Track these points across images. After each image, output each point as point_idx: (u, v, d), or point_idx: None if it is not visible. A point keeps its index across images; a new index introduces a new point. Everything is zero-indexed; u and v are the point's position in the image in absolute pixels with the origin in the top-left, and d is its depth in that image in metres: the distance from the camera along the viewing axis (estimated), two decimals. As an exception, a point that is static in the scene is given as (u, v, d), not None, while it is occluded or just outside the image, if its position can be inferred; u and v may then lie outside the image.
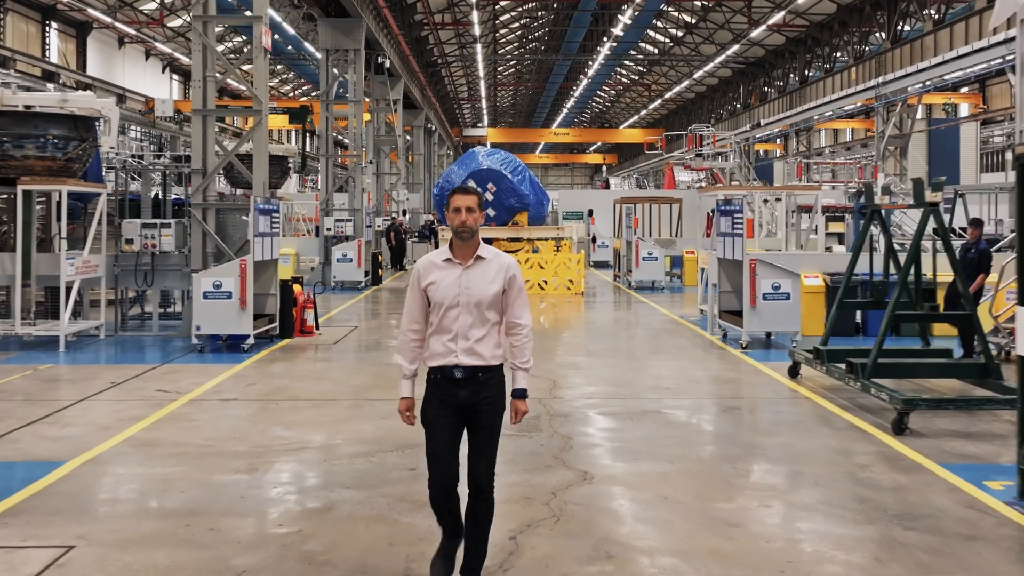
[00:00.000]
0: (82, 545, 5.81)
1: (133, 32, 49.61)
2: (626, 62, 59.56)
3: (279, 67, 62.11)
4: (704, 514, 6.44)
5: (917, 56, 33.04)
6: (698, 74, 56.94)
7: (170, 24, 50.52)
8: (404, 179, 43.59)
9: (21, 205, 14.40)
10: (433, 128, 57.48)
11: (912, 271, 10.00)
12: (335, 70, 28.08)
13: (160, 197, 17.31)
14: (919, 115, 38.66)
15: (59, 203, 15.08)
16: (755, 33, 44.23)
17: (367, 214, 28.08)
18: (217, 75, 16.42)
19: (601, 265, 34.74)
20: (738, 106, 58.41)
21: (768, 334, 14.77)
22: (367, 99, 31.98)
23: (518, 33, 59.16)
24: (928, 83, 32.12)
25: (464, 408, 4.92)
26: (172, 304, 18.41)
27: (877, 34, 39.07)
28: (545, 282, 24.49)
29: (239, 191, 23.24)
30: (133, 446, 8.31)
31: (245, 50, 52.77)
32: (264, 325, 14.91)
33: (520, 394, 5.04)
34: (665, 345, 14.92)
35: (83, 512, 6.50)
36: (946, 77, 30.18)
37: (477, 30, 45.14)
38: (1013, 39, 25.64)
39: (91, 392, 10.77)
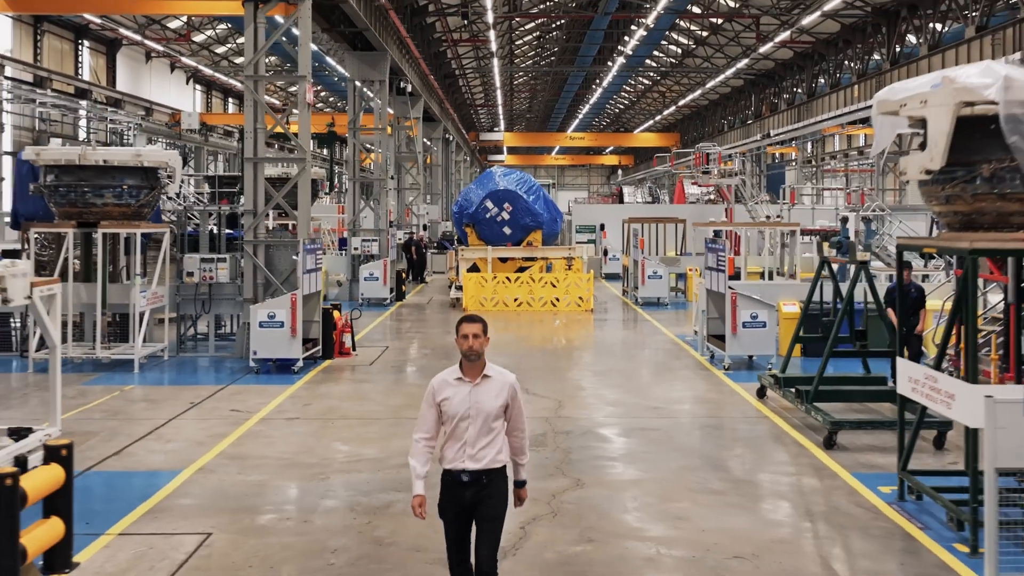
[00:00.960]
0: (216, 532, 8.38)
1: (160, 48, 52.38)
2: (640, 69, 61.96)
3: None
4: (662, 511, 8.97)
5: (913, 76, 35.29)
6: (710, 84, 59.40)
7: (195, 39, 53.20)
8: (423, 193, 46.12)
9: (101, 245, 17.05)
10: (451, 138, 60.05)
11: (860, 306, 12.48)
12: (369, 92, 30.67)
13: (215, 232, 19.94)
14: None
15: (128, 240, 17.71)
16: (763, 49, 46.68)
17: (390, 225, 30.71)
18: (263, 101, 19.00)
19: (612, 277, 37.22)
20: (750, 115, 60.78)
21: (750, 356, 17.23)
22: (390, 111, 34.45)
23: (534, 45, 61.61)
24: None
25: (469, 506, 6.03)
26: (223, 326, 20.96)
27: (876, 56, 41.38)
28: (557, 299, 26.99)
29: (278, 222, 25.73)
30: (227, 459, 10.89)
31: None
32: (309, 348, 17.47)
33: (521, 484, 6.31)
34: (659, 367, 17.43)
35: (208, 509, 9.07)
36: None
37: (494, 46, 47.71)
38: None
39: (177, 412, 13.35)
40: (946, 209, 8.35)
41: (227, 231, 20.46)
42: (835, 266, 13.86)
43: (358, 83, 30.44)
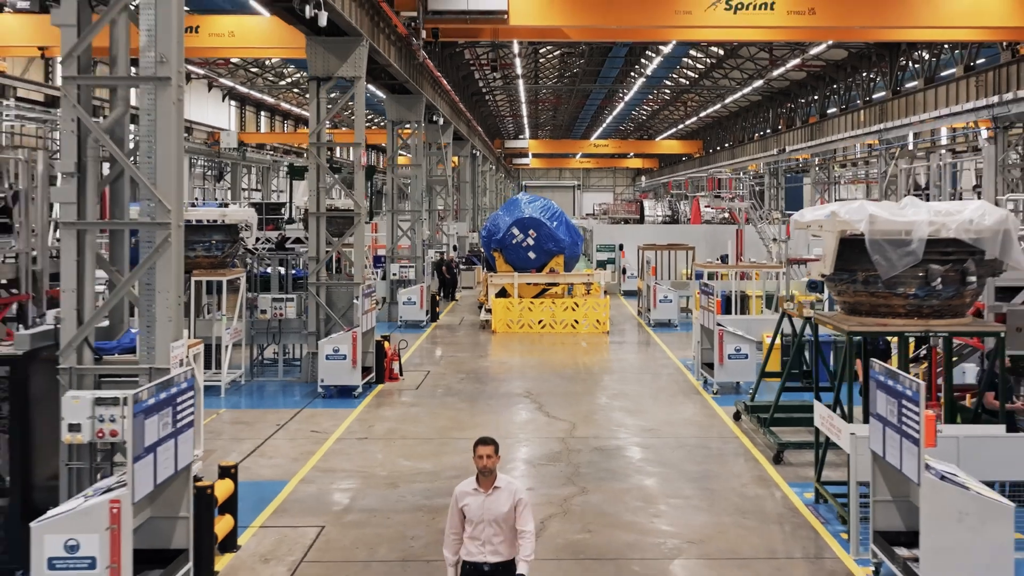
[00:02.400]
0: (327, 526, 12.29)
1: (201, 71, 56.55)
2: (659, 88, 65.77)
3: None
4: (640, 505, 12.82)
5: (911, 109, 39.00)
6: (728, 100, 63.11)
7: (233, 59, 57.28)
8: (451, 211, 50.08)
9: (193, 290, 21.06)
10: (477, 153, 64.00)
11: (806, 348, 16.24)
12: (415, 126, 34.60)
13: (283, 274, 23.94)
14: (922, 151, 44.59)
15: (211, 283, 21.73)
16: (775, 73, 50.39)
17: (423, 243, 34.75)
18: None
19: (630, 294, 41.01)
20: (768, 131, 64.42)
21: (737, 383, 20.99)
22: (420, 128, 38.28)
23: (557, 66, 65.43)
24: (918, 134, 38.22)
25: None
26: (288, 352, 24.88)
27: (880, 82, 45.01)
28: (577, 321, 30.82)
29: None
30: (320, 471, 14.82)
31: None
32: (365, 375, 21.38)
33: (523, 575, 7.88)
34: (661, 391, 21.26)
35: (316, 509, 12.99)
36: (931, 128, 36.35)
37: (519, 69, 51.67)
38: (984, 108, 31.76)
39: (269, 433, 17.30)
40: (839, 299, 12.21)
41: (293, 271, 24.43)
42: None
43: (396, 122, 34.36)
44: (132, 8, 11.49)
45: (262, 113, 76.08)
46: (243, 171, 65.44)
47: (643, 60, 56.54)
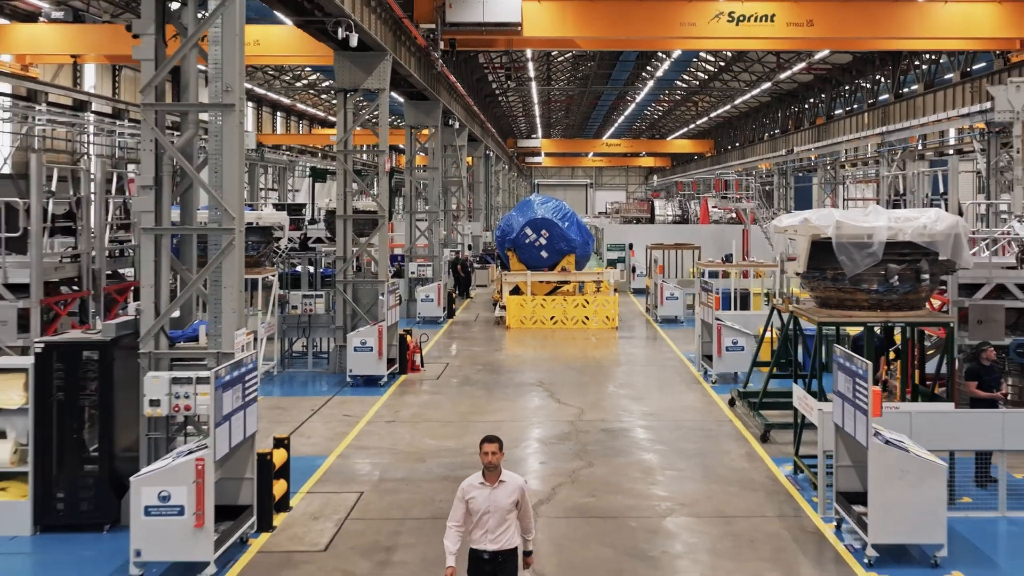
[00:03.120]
0: (365, 493, 14.27)
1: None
2: (670, 90, 67.73)
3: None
4: (640, 475, 14.79)
5: (912, 112, 40.87)
6: (738, 101, 65.01)
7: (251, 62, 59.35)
8: (466, 212, 52.09)
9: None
10: (491, 153, 66.00)
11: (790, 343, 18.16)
12: (435, 131, 36.60)
13: (312, 272, 25.96)
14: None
15: (253, 283, 23.76)
16: (782, 76, 52.28)
17: (440, 243, 36.79)
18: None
19: (639, 292, 42.91)
20: (777, 131, 66.29)
21: (735, 373, 22.90)
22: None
23: (568, 69, 67.41)
24: (919, 137, 40.07)
25: (487, 574, 8.56)
26: (316, 345, 26.85)
27: (884, 85, 46.89)
28: (587, 318, 32.76)
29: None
30: (355, 448, 16.82)
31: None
32: (390, 366, 23.35)
33: (528, 554, 8.75)
34: (664, 381, 23.21)
35: (354, 479, 14.98)
36: (930, 132, 38.19)
37: (532, 73, 53.63)
38: (978, 112, 33.63)
39: (304, 417, 19.29)
40: (812, 294, 14.17)
41: (322, 270, 26.46)
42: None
43: (414, 127, 36.36)
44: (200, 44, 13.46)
45: (278, 114, 78.16)
46: (259, 171, 67.58)
47: (654, 61, 58.43)
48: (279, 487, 13.17)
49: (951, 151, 45.74)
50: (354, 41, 21.02)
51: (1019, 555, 11.78)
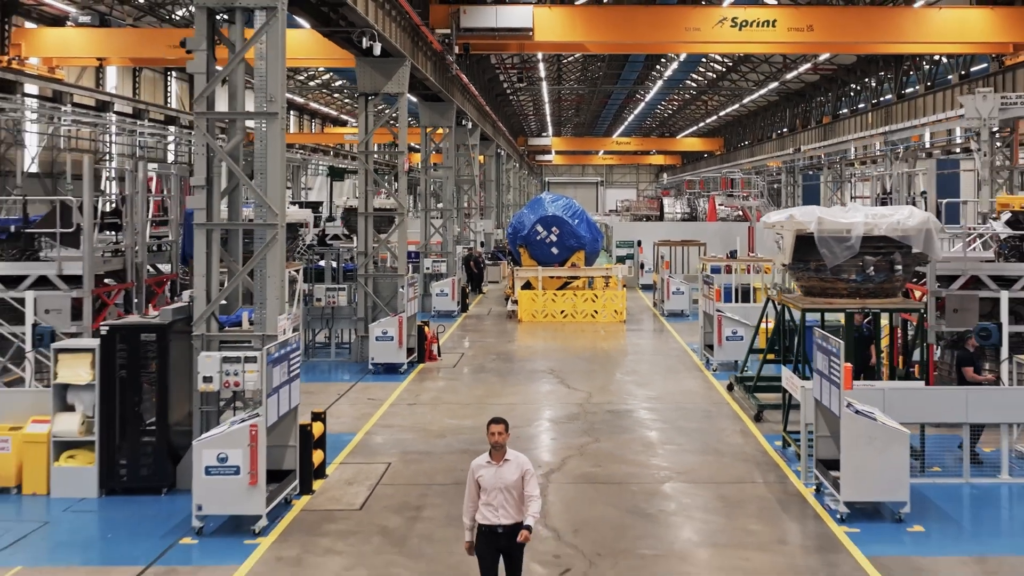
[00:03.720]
0: (393, 463, 15.95)
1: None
2: (679, 88, 69.37)
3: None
4: (641, 449, 16.44)
5: (913, 113, 42.44)
6: (746, 100, 66.62)
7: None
8: (479, 212, 53.77)
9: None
10: (502, 152, 67.70)
11: (784, 334, 19.77)
12: (454, 129, 38.28)
13: (336, 267, 27.65)
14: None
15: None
16: (789, 76, 53.86)
17: (453, 239, 38.54)
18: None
19: (647, 288, 44.52)
20: (785, 130, 67.88)
21: (735, 362, 24.50)
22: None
23: (578, 68, 69.10)
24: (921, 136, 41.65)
25: (499, 548, 9.21)
26: (338, 336, 28.53)
27: (887, 84, 48.47)
28: (596, 312, 34.39)
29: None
30: (381, 427, 18.49)
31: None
32: (409, 355, 25.02)
33: (528, 528, 9.21)
34: (668, 368, 24.84)
35: (382, 451, 16.65)
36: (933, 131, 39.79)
37: (543, 73, 55.28)
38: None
39: (331, 400, 20.96)
40: (797, 284, 15.80)
41: (344, 265, 28.16)
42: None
43: (428, 128, 38.05)
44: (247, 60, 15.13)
45: (291, 113, 80.00)
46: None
47: (663, 61, 60.03)
48: (317, 456, 14.84)
49: (958, 149, 47.31)
50: (377, 50, 22.72)
51: (974, 512, 13.42)
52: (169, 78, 55.43)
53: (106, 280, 19.71)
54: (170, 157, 53.39)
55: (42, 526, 12.96)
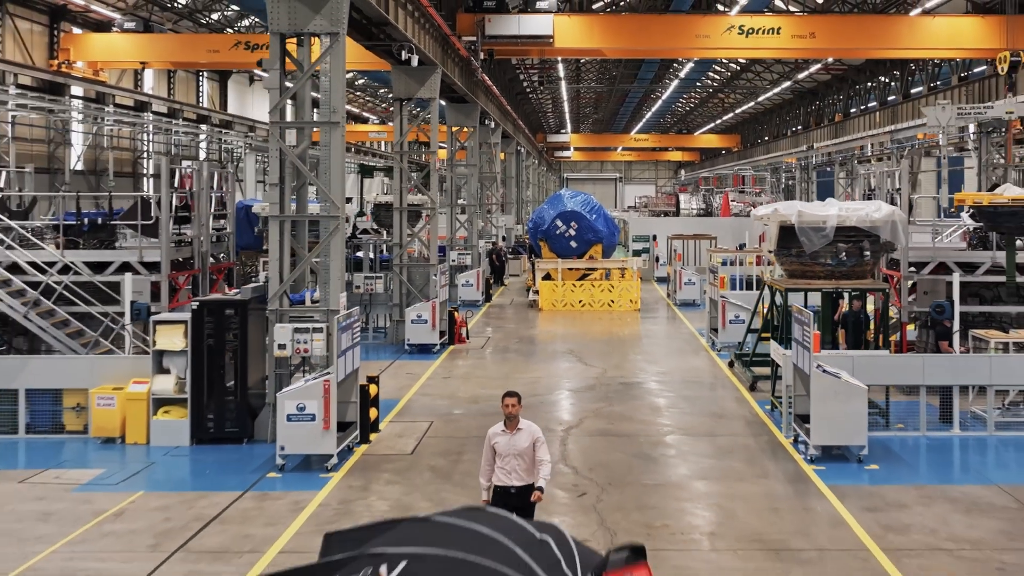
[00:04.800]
0: (434, 422, 18.97)
1: (264, 73, 63.55)
2: (695, 87, 72.32)
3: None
4: (649, 412, 19.44)
5: (917, 113, 45.20)
6: (761, 98, 69.50)
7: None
8: (500, 207, 56.83)
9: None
10: (522, 149, 70.73)
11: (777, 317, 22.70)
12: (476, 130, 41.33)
13: (372, 257, 30.73)
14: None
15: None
16: (800, 76, 56.73)
17: (478, 233, 41.66)
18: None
19: (662, 280, 47.49)
20: (799, 127, 70.72)
21: (739, 343, 27.45)
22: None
23: (596, 67, 72.13)
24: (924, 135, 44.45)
25: (514, 506, 9.93)
26: (374, 322, 31.56)
27: (894, 85, 51.29)
28: (612, 301, 37.36)
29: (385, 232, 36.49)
30: (421, 395, 21.53)
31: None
32: (441, 337, 28.04)
33: (540, 488, 10.43)
34: (676, 349, 27.82)
35: (424, 413, 19.69)
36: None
37: (562, 73, 58.24)
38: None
39: (374, 374, 23.97)
40: (782, 268, 18.78)
41: (381, 256, 31.25)
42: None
43: (454, 128, 41.10)
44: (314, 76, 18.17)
45: (314, 111, 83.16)
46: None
47: (677, 61, 62.89)
48: (372, 413, 17.87)
49: (968, 147, 50.10)
50: (415, 62, 25.76)
51: (923, 456, 16.38)
52: (201, 78, 58.56)
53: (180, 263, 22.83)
54: (201, 154, 56.52)
55: (149, 466, 16.03)
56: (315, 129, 18.44)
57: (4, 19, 39.63)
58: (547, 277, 38.82)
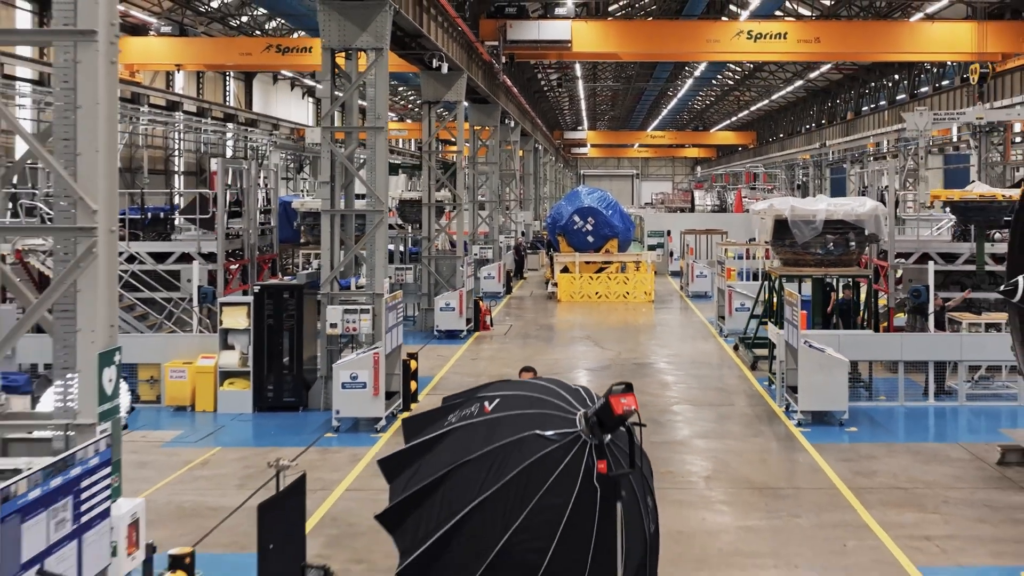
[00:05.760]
0: (466, 394, 21.63)
1: (288, 74, 66.43)
2: (711, 84, 74.89)
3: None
4: (658, 387, 22.07)
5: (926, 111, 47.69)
6: (774, 96, 72.03)
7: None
8: (518, 204, 59.54)
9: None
10: (539, 146, 73.41)
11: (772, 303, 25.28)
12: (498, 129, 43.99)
13: (402, 250, 33.41)
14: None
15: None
16: (812, 75, 59.24)
17: (497, 229, 44.39)
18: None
19: (676, 274, 50.08)
20: (812, 125, 73.23)
21: (744, 328, 30.03)
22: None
23: (612, 66, 74.75)
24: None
25: None
26: (405, 310, 34.15)
27: (902, 84, 53.79)
28: (628, 293, 39.96)
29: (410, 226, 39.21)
30: (452, 373, 24.19)
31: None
32: (467, 324, 30.69)
33: None
34: (687, 336, 30.44)
35: (456, 387, 22.09)
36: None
37: (579, 72, 60.86)
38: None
39: (406, 357, 26.67)
40: (777, 256, 21.38)
41: (410, 249, 33.95)
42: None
43: (475, 127, 43.77)
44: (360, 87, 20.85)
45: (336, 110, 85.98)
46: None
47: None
48: (412, 384, 20.55)
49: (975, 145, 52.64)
50: (444, 69, 28.41)
51: (897, 422, 18.99)
52: (228, 78, 61.35)
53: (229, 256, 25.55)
54: (228, 152, 59.30)
55: (220, 428, 18.74)
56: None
57: (49, 24, 42.41)
58: (565, 270, 41.43)
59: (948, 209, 23.35)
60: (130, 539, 8.52)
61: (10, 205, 24.78)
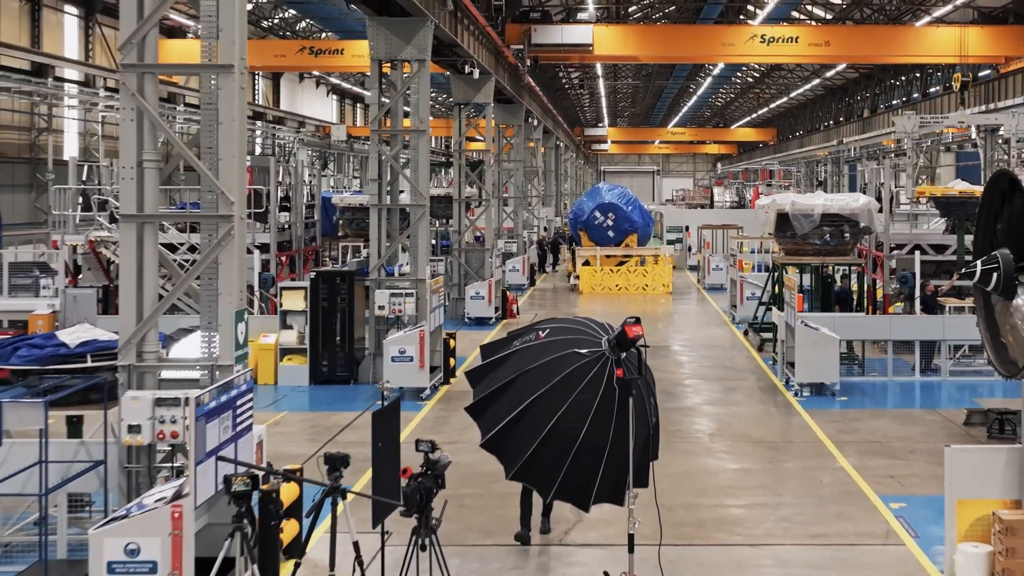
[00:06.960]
0: (498, 371, 24.57)
1: (316, 73, 69.49)
2: (729, 82, 77.70)
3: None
4: (673, 365, 24.95)
5: (934, 110, 50.43)
6: (793, 94, 74.79)
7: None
8: (542, 200, 62.48)
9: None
10: (560, 144, 76.33)
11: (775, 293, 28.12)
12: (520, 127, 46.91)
13: (433, 243, 36.33)
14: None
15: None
16: (828, 74, 61.96)
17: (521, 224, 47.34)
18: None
19: (694, 269, 52.91)
20: (831, 122, 75.95)
21: (755, 316, 32.84)
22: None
23: (632, 64, 77.62)
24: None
25: None
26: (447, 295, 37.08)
27: (915, 84, 56.50)
28: (647, 285, 42.80)
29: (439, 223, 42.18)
30: (484, 354, 27.09)
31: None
32: (495, 311, 33.58)
33: None
34: (701, 323, 33.30)
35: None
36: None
37: (600, 70, 63.71)
38: (979, 113, 43.07)
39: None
40: (780, 247, 24.24)
41: (442, 242, 36.93)
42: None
43: (501, 126, 46.70)
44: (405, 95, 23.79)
45: (358, 106, 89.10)
46: (351, 160, 78.45)
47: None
48: (451, 361, 23.48)
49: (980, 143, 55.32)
50: (476, 74, 31.34)
51: (884, 394, 21.84)
52: (257, 77, 64.41)
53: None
54: (257, 149, 62.37)
55: (283, 397, 21.73)
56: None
57: (94, 28, 45.65)
58: (586, 263, 44.30)
59: (932, 204, 26.11)
60: (257, 456, 11.53)
61: (80, 200, 27.88)
